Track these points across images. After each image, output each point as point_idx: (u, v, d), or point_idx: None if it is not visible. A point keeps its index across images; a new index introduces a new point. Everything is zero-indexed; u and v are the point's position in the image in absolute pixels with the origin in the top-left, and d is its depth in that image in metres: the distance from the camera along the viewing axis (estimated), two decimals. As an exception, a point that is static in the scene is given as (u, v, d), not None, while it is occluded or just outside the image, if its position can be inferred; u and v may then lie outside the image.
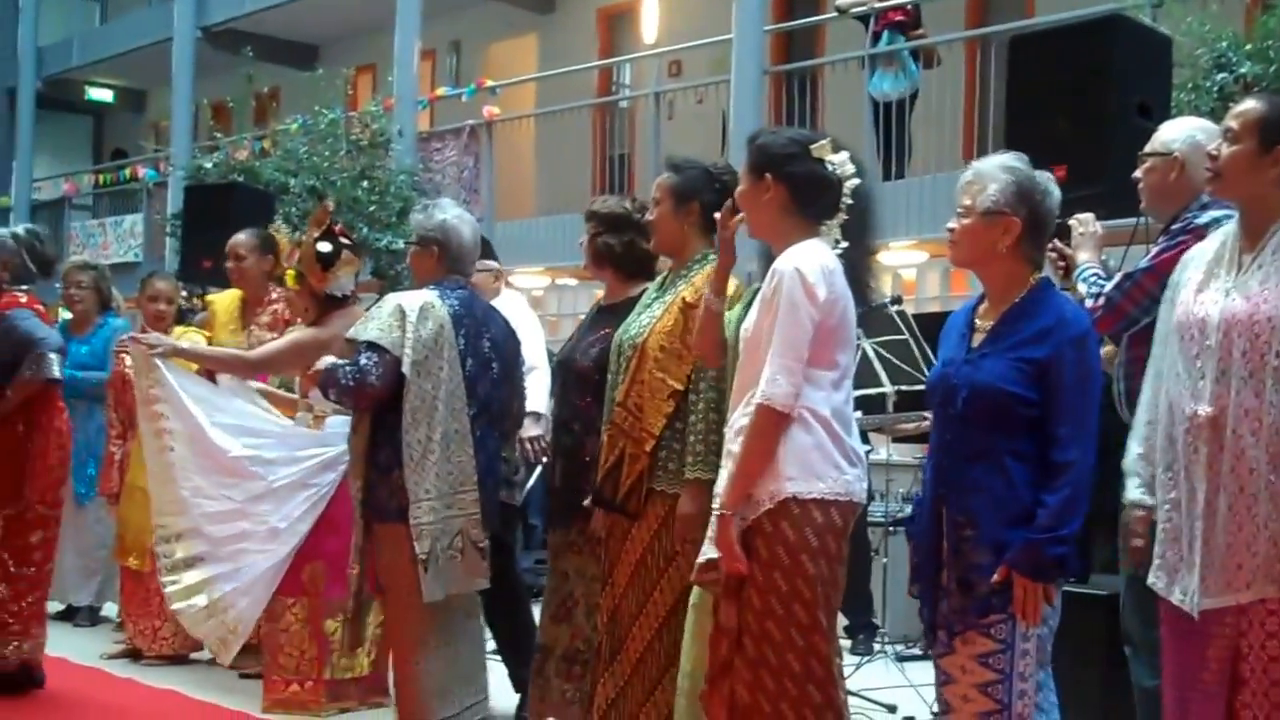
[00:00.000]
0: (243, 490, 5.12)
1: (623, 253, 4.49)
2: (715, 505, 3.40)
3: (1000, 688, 3.11)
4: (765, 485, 3.26)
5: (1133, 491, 3.26)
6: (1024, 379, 3.10)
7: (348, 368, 4.37)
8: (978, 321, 3.28)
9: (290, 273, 5.21)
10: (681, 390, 3.97)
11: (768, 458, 3.24)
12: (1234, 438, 2.95)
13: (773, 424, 3.22)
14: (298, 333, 5.37)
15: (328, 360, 4.50)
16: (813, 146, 3.41)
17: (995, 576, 3.07)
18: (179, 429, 5.15)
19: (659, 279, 4.30)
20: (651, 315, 4.10)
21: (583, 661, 4.50)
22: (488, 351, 4.60)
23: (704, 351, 3.76)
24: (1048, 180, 3.24)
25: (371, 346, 4.37)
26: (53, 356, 5.26)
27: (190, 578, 5.09)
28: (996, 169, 3.21)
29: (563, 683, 4.56)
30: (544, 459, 5.22)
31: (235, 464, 5.13)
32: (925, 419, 5.83)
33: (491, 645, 5.14)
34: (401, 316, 4.41)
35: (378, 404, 4.39)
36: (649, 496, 4.00)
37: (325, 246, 5.15)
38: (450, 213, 4.69)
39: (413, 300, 4.48)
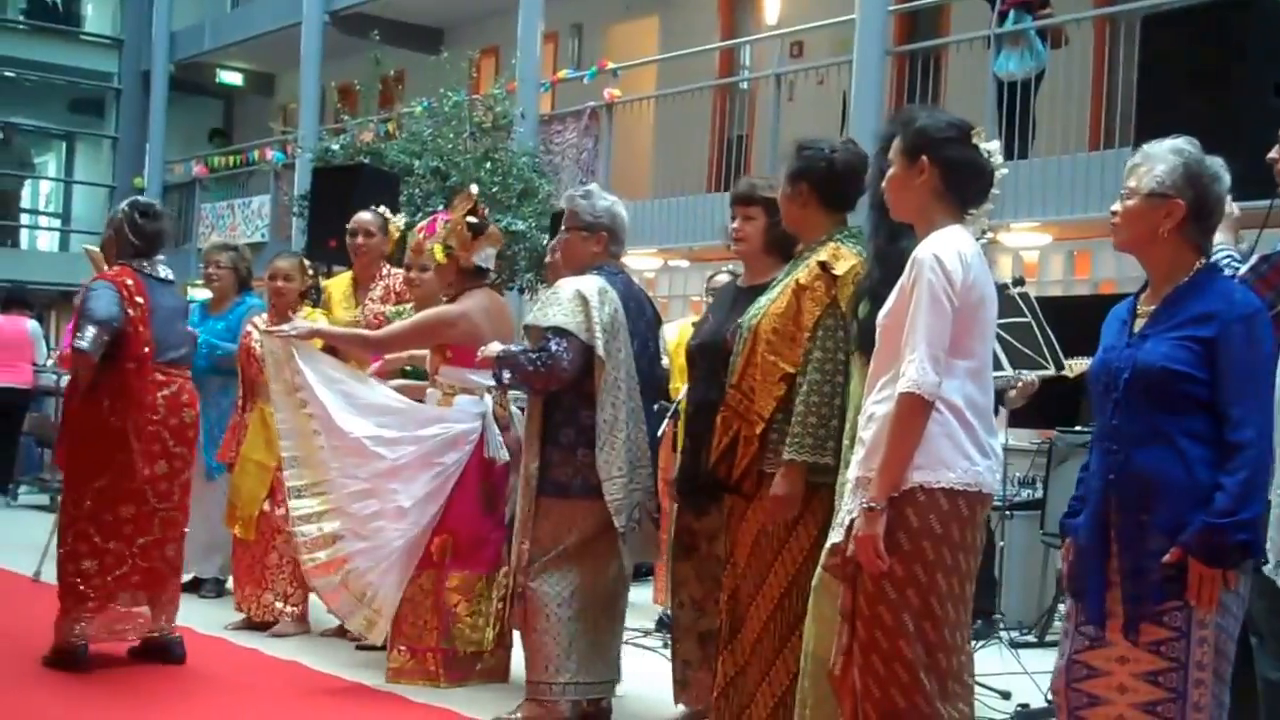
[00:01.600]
0: (368, 469, 5.22)
1: (783, 236, 4.46)
2: (849, 494, 3.34)
3: (1175, 676, 3.01)
4: None
5: None
6: (1191, 357, 3.02)
7: (533, 354, 4.47)
8: (1139, 308, 3.20)
9: (437, 248, 5.33)
10: (793, 373, 3.96)
11: (914, 446, 3.18)
12: None
13: (919, 412, 3.16)
14: (424, 311, 5.46)
15: (496, 347, 4.61)
16: (971, 132, 3.37)
17: (1167, 558, 2.99)
18: (318, 414, 5.28)
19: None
20: (770, 298, 4.09)
21: None
22: (645, 330, 4.75)
23: None
24: (1219, 166, 3.15)
25: (558, 332, 4.45)
26: (89, 329, 5.15)
27: (326, 555, 5.21)
28: (1166, 151, 3.13)
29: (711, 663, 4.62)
30: None
31: (357, 445, 5.22)
32: (1023, 378, 5.71)
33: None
34: (584, 302, 4.52)
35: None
36: (761, 478, 4.01)
37: (473, 219, 5.32)
38: (610, 198, 4.83)
39: (590, 285, 4.58)
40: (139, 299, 5.32)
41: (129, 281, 5.33)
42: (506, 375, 4.59)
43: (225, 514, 6.52)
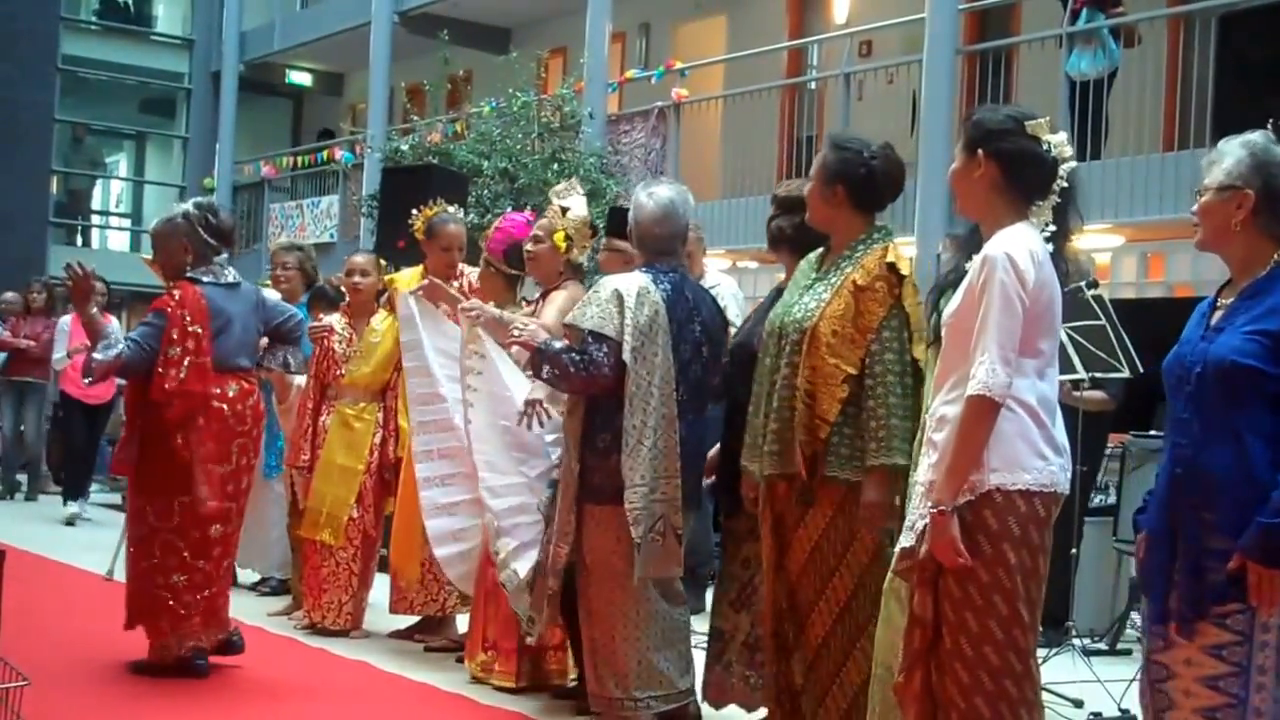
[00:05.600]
0: (531, 466, 5.08)
1: (793, 234, 4.47)
2: (914, 496, 3.32)
3: (1236, 680, 2.97)
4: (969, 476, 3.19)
5: None
6: (1261, 352, 2.97)
7: (576, 356, 4.43)
8: (1219, 302, 3.17)
9: (560, 233, 5.38)
10: (856, 375, 3.93)
11: (981, 449, 3.16)
12: None
13: (987, 415, 3.14)
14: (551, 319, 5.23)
15: (543, 335, 4.56)
16: (1029, 124, 3.32)
17: (1231, 564, 2.94)
18: (483, 395, 5.11)
19: (814, 257, 4.23)
20: (818, 298, 4.04)
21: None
22: (699, 334, 4.62)
23: None
24: None
25: (597, 337, 4.41)
26: (115, 357, 5.08)
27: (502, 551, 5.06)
28: (1236, 144, 3.11)
29: (744, 669, 4.58)
30: None
31: (536, 442, 5.07)
32: (1083, 379, 5.62)
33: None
34: (620, 302, 4.45)
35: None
36: (823, 483, 3.97)
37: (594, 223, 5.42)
38: (643, 192, 4.69)
39: (629, 285, 4.50)
40: (197, 328, 5.16)
41: (186, 315, 5.17)
42: (545, 369, 4.50)
43: (303, 520, 6.37)
